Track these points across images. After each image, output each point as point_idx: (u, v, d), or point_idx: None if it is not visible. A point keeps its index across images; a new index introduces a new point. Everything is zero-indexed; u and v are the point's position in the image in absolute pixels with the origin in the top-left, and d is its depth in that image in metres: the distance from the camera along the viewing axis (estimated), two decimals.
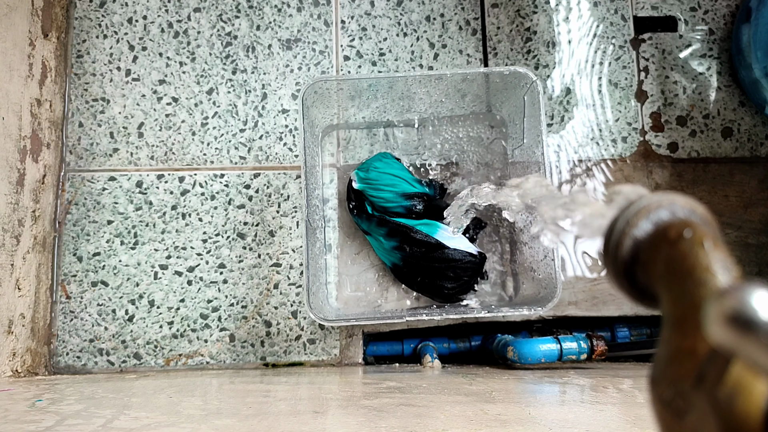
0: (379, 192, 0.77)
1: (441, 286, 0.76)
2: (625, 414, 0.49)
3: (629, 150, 0.85)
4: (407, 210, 0.78)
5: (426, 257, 0.74)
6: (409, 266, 0.76)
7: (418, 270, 0.75)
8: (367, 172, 0.78)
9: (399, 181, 0.78)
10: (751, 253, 0.84)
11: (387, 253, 0.77)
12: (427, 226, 0.76)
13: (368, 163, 0.79)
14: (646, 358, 0.84)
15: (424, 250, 0.75)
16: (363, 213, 0.78)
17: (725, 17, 0.88)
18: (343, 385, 0.64)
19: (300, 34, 0.86)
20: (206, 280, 0.80)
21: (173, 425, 0.43)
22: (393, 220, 0.76)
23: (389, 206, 0.77)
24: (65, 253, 0.80)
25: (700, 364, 0.18)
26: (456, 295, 0.77)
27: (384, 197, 0.77)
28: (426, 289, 0.78)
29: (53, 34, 0.81)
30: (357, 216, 0.79)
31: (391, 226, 0.75)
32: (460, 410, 0.48)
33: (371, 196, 0.77)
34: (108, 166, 0.82)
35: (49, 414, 0.47)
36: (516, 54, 0.87)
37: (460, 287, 0.77)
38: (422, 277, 0.76)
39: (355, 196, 0.78)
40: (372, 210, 0.78)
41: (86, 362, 0.78)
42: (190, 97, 0.84)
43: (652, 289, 0.22)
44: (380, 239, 0.77)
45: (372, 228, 0.77)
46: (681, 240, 0.21)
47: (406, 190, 0.78)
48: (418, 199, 0.78)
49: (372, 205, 0.78)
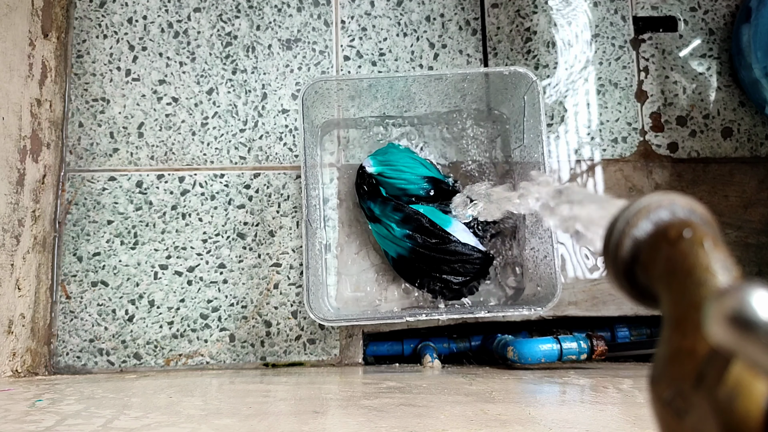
0: (400, 173, 0.77)
1: (448, 280, 0.76)
2: (625, 414, 0.49)
3: (629, 150, 0.85)
4: (426, 193, 0.78)
5: (437, 248, 0.74)
6: (418, 257, 0.75)
7: (426, 261, 0.75)
8: (385, 155, 0.78)
9: (417, 164, 0.78)
10: (751, 253, 0.84)
11: (396, 241, 0.76)
12: (440, 218, 0.76)
13: (384, 149, 0.80)
14: (646, 358, 0.84)
15: (436, 241, 0.74)
16: (377, 197, 0.77)
17: (725, 17, 0.88)
18: (343, 385, 0.64)
19: (300, 34, 0.86)
20: (206, 280, 0.80)
21: (173, 425, 0.43)
22: (409, 207, 0.76)
23: (409, 188, 0.77)
24: (65, 253, 0.80)
25: (700, 364, 0.18)
26: (461, 290, 0.77)
27: (405, 178, 0.77)
28: (430, 284, 0.77)
29: (53, 34, 0.81)
30: (369, 200, 0.78)
31: (407, 212, 0.75)
32: (460, 410, 0.48)
33: (390, 178, 0.77)
34: (108, 166, 0.82)
35: (49, 414, 0.47)
36: (516, 54, 0.87)
37: (466, 284, 0.76)
38: (429, 268, 0.75)
39: (367, 180, 0.78)
40: (387, 194, 0.77)
41: (86, 362, 0.78)
42: (190, 97, 0.84)
43: (652, 289, 0.22)
44: (392, 226, 0.76)
45: (386, 213, 0.77)
46: (681, 240, 0.21)
47: (425, 173, 0.78)
48: (437, 183, 0.78)
49: (387, 189, 0.77)
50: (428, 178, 0.78)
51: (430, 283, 0.77)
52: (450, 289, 0.77)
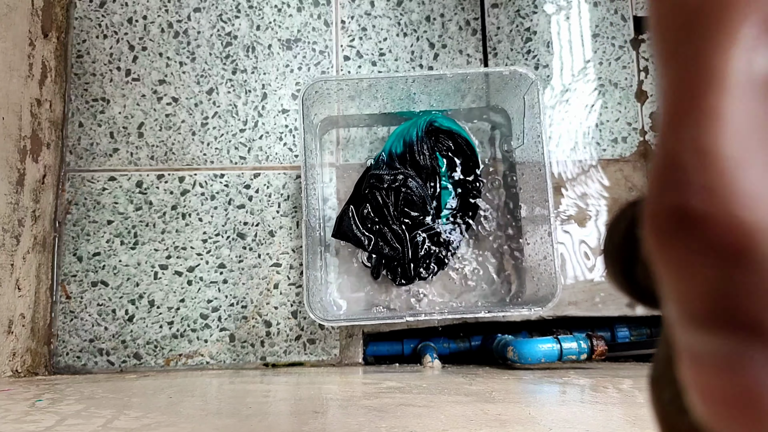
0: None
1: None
2: (625, 414, 0.49)
3: (629, 150, 0.85)
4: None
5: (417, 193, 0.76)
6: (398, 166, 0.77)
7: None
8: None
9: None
10: None
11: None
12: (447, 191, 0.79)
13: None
14: (646, 358, 0.84)
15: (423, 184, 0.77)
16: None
17: None
18: (343, 385, 0.64)
19: (300, 34, 0.86)
20: (206, 280, 0.80)
21: (173, 425, 0.43)
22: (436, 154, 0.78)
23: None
24: (65, 253, 0.80)
25: None
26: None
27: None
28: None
29: (53, 34, 0.81)
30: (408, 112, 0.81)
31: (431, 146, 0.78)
32: (460, 410, 0.48)
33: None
34: (108, 166, 0.82)
35: (49, 414, 0.47)
36: (516, 54, 0.87)
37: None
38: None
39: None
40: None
41: (86, 362, 0.78)
42: (190, 97, 0.84)
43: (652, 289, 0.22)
44: (418, 129, 0.78)
45: (419, 121, 0.79)
46: None
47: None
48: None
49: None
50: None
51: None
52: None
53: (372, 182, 0.77)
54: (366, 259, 0.79)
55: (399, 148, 0.78)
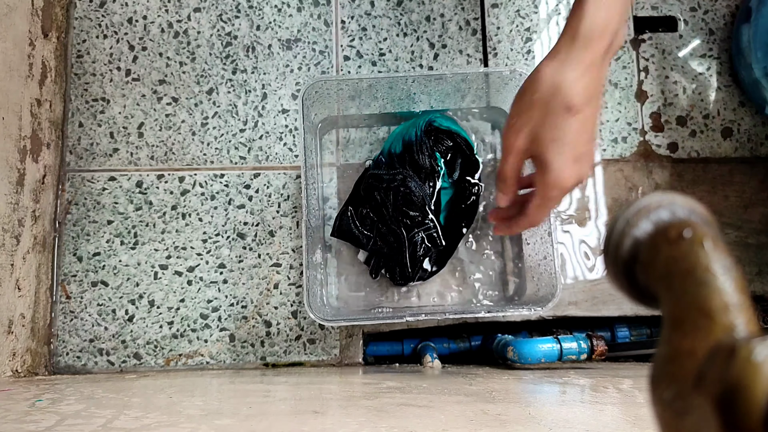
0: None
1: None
2: (625, 414, 0.49)
3: (629, 150, 0.85)
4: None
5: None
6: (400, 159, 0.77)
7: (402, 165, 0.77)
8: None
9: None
10: (751, 253, 0.84)
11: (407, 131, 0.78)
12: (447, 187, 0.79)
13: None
14: (646, 358, 0.84)
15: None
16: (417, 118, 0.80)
17: (725, 17, 0.88)
18: (343, 385, 0.64)
19: (300, 34, 0.86)
20: (206, 280, 0.80)
21: (173, 425, 0.43)
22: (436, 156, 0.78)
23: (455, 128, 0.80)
24: (65, 253, 0.80)
25: (700, 364, 0.18)
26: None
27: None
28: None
29: (53, 34, 0.81)
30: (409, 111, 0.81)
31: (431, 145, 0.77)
32: (460, 410, 0.48)
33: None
34: (108, 166, 0.82)
35: (49, 414, 0.47)
36: (516, 54, 0.87)
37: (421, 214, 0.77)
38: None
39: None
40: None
41: (86, 362, 0.78)
42: (190, 97, 0.84)
43: (652, 289, 0.22)
44: (417, 128, 0.78)
45: (418, 121, 0.79)
46: (681, 240, 0.21)
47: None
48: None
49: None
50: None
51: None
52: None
53: (371, 182, 0.76)
54: (364, 259, 0.79)
55: (398, 147, 0.78)
